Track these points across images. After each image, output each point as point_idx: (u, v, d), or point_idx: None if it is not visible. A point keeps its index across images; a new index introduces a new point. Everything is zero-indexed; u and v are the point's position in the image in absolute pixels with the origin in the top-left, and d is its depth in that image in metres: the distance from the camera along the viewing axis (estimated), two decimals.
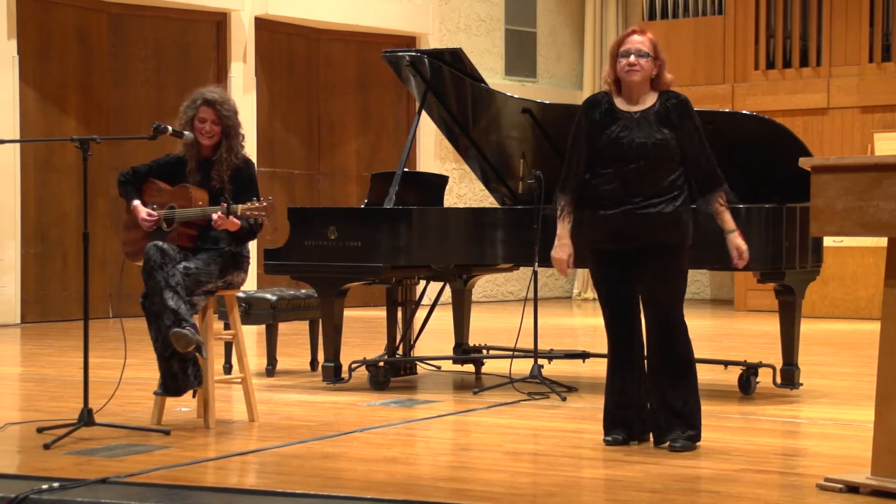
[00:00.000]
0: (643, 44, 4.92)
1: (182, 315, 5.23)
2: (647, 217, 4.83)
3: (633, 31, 5.00)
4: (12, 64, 11.36)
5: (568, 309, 14.59)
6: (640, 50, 4.91)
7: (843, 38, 13.44)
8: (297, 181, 13.88)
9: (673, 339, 4.90)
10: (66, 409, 5.81)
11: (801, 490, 4.20)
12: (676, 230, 4.87)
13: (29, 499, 4.00)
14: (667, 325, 4.90)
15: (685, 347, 4.92)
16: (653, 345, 4.94)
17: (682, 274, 4.94)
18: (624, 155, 4.86)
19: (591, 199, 4.93)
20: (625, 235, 4.88)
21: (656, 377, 4.92)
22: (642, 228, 4.84)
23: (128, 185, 5.64)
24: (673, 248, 4.88)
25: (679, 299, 4.94)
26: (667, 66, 4.99)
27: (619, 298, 4.99)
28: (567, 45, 16.24)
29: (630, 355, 5.01)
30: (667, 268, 4.89)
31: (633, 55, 4.91)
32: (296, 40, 13.78)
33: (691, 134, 4.92)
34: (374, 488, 4.15)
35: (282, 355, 7.81)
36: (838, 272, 12.34)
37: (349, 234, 6.74)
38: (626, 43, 4.95)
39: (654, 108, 4.93)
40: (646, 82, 4.94)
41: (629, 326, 4.99)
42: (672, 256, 4.89)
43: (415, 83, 7.23)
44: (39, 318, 11.59)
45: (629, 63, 4.91)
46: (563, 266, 5.03)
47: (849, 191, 4.01)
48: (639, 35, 4.96)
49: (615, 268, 4.96)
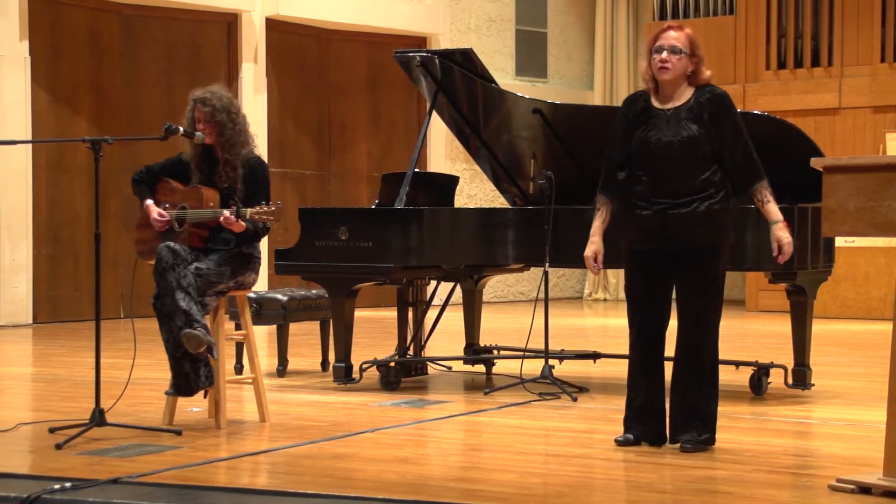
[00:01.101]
0: (678, 40, 4.83)
1: (193, 316, 5.24)
2: (680, 217, 4.78)
3: (669, 26, 4.90)
4: (24, 65, 11.39)
5: (579, 309, 14.58)
6: (674, 46, 4.82)
7: (854, 37, 13.41)
8: (307, 182, 13.89)
9: (702, 341, 4.84)
10: (77, 409, 5.82)
11: (812, 491, 4.19)
12: (711, 229, 4.80)
13: (41, 499, 4.01)
14: (699, 325, 4.84)
15: (712, 349, 4.87)
16: (682, 343, 4.88)
17: (718, 274, 4.85)
18: (652, 155, 4.82)
19: (631, 200, 4.90)
20: (659, 235, 4.82)
21: (681, 376, 4.87)
22: (676, 228, 4.79)
23: (141, 184, 5.65)
24: (708, 247, 4.82)
25: (714, 300, 4.85)
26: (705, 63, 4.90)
27: (648, 301, 4.93)
28: (578, 46, 16.22)
29: (651, 357, 4.95)
30: (703, 268, 4.83)
31: (665, 51, 4.82)
32: (306, 41, 13.79)
33: (726, 128, 4.82)
34: (385, 488, 4.15)
35: (293, 356, 7.82)
36: (850, 272, 12.30)
37: (360, 234, 6.74)
38: (660, 38, 4.86)
39: (687, 104, 4.85)
40: (680, 79, 4.86)
41: (654, 329, 4.94)
42: (708, 256, 4.83)
43: (425, 83, 7.23)
44: (51, 319, 11.62)
45: (661, 60, 4.82)
46: (590, 263, 4.98)
47: (860, 191, 4.00)
48: (675, 31, 4.87)
49: (650, 269, 4.90)
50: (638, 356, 4.97)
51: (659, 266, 4.89)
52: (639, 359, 4.97)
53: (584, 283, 16.27)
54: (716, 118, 4.83)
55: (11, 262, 11.34)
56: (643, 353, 4.95)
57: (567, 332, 10.47)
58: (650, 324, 4.94)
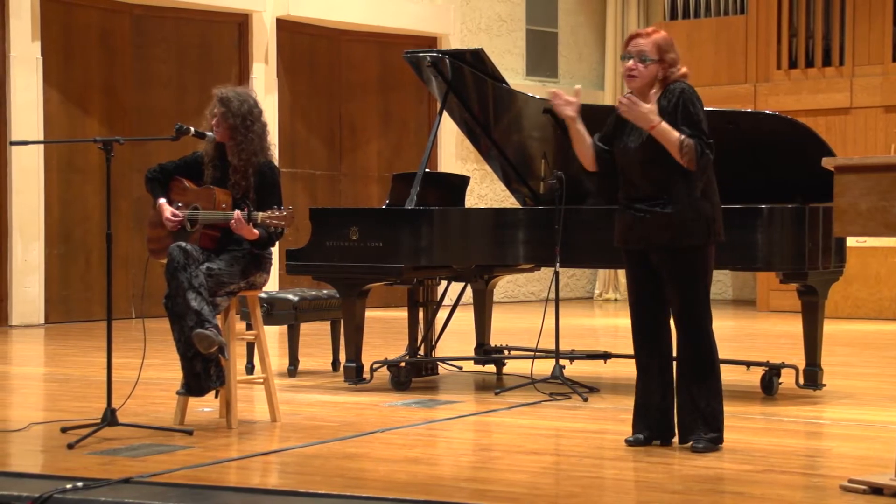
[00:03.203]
0: (645, 46, 4.81)
1: (205, 316, 5.25)
2: (644, 220, 4.85)
3: (637, 33, 4.88)
4: (36, 66, 11.42)
5: (589, 309, 14.57)
6: (641, 53, 4.82)
7: (866, 37, 13.37)
8: (318, 182, 13.91)
9: (693, 340, 4.87)
10: (89, 409, 5.84)
11: (824, 491, 4.19)
12: (675, 231, 4.79)
13: (53, 498, 4.02)
14: (685, 325, 4.88)
15: (706, 348, 4.88)
16: (678, 343, 4.93)
17: (696, 273, 4.84)
18: (621, 159, 4.92)
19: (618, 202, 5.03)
20: (632, 236, 4.92)
21: (681, 375, 4.90)
22: (643, 231, 4.87)
23: (154, 182, 5.66)
24: (677, 249, 4.82)
25: (694, 300, 4.85)
26: (680, 62, 4.86)
27: (640, 299, 4.99)
28: (588, 46, 16.21)
29: (651, 356, 4.98)
30: (676, 269, 4.85)
31: (632, 59, 4.84)
32: (317, 41, 13.81)
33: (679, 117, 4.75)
34: (395, 489, 4.15)
35: (304, 356, 7.83)
36: (861, 272, 12.27)
37: (370, 234, 6.75)
38: (629, 45, 4.88)
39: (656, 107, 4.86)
40: (648, 86, 4.86)
41: (651, 328, 4.97)
42: (679, 258, 4.83)
43: (436, 84, 7.23)
44: (63, 319, 11.65)
45: (628, 68, 4.86)
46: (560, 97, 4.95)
47: (872, 191, 3.99)
48: (643, 38, 4.84)
49: (637, 268, 4.97)
50: (637, 356, 5.03)
51: (644, 266, 4.95)
52: (638, 358, 5.03)
53: (594, 283, 16.25)
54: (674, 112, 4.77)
55: (23, 263, 11.37)
56: (642, 352, 5.01)
57: (577, 333, 10.47)
58: (644, 322, 4.99)
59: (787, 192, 6.35)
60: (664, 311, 4.96)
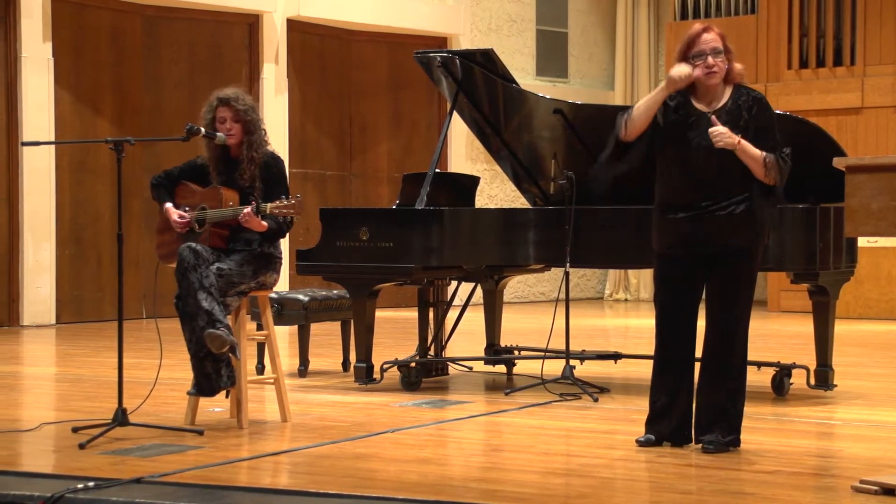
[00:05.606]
0: (716, 41, 4.77)
1: (216, 316, 5.25)
2: (717, 220, 4.76)
3: (702, 29, 4.82)
4: (47, 66, 11.46)
5: (600, 310, 14.56)
6: (716, 48, 4.77)
7: (877, 36, 13.33)
8: (328, 182, 13.92)
9: (733, 342, 4.82)
10: (100, 409, 5.85)
11: (835, 492, 4.18)
12: (749, 232, 4.78)
13: (64, 498, 4.03)
14: (729, 327, 4.82)
15: (743, 352, 4.85)
16: (711, 343, 4.87)
17: (752, 276, 4.86)
18: (691, 157, 4.79)
19: (660, 203, 4.88)
20: (694, 240, 4.80)
21: (709, 375, 4.85)
22: (712, 232, 4.77)
23: (160, 188, 5.68)
24: (745, 250, 4.80)
25: (746, 303, 4.85)
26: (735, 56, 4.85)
27: (676, 306, 4.91)
28: (598, 46, 16.20)
29: (676, 359, 4.93)
30: (738, 271, 4.82)
31: (709, 56, 4.76)
32: (328, 41, 13.82)
33: (764, 131, 4.78)
34: (406, 489, 4.16)
35: (314, 356, 7.83)
36: (873, 272, 12.24)
37: (381, 234, 6.75)
38: (697, 44, 4.78)
39: (725, 106, 4.82)
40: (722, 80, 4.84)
41: (681, 334, 4.91)
42: (744, 259, 4.81)
43: (446, 84, 7.23)
44: (74, 319, 11.68)
45: (707, 66, 4.76)
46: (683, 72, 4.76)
47: (884, 191, 3.98)
48: (709, 32, 4.80)
49: (679, 274, 4.88)
50: (664, 358, 4.95)
51: (690, 270, 4.87)
52: (665, 360, 4.94)
53: (604, 283, 16.24)
54: (756, 120, 4.77)
55: (35, 263, 11.40)
56: (670, 355, 4.93)
57: (588, 333, 10.46)
58: (678, 327, 4.91)
59: (798, 193, 6.33)
60: (695, 316, 4.92)
